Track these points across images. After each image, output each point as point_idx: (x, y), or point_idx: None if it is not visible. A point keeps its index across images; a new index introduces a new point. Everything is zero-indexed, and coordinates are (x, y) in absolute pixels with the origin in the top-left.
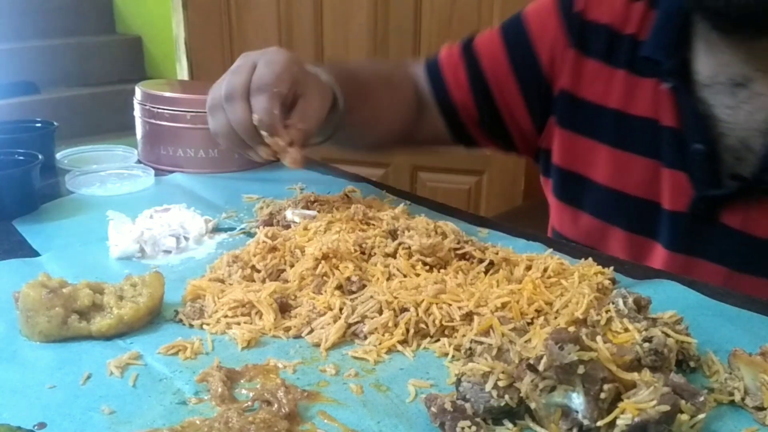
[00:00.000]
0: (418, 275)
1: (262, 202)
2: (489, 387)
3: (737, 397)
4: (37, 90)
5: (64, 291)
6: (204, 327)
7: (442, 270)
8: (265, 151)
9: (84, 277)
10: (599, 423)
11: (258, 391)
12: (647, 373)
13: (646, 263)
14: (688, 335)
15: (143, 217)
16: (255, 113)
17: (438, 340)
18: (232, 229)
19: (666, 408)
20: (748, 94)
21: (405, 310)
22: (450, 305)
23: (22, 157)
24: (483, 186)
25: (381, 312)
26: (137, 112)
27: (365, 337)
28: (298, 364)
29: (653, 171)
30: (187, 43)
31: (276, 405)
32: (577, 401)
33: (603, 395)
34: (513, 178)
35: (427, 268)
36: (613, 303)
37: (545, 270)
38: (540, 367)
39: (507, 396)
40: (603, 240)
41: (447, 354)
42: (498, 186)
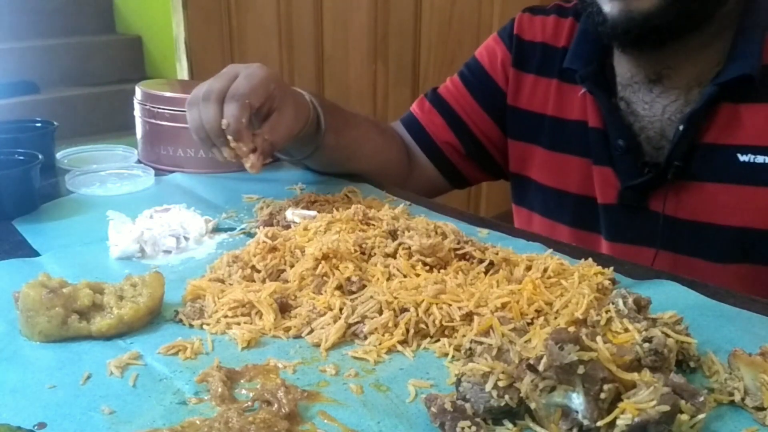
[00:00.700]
0: (418, 275)
1: (262, 202)
2: (489, 387)
3: (737, 398)
4: (37, 90)
5: (64, 291)
6: (204, 327)
7: (442, 270)
8: (229, 153)
9: (84, 277)
10: (599, 423)
11: (258, 391)
12: (647, 374)
13: None
14: (688, 335)
15: (143, 217)
16: (224, 118)
17: (438, 340)
18: (232, 229)
19: (666, 408)
20: (662, 88)
21: (405, 310)
22: (450, 305)
23: (22, 157)
24: (483, 186)
25: (381, 312)
26: (137, 111)
27: (365, 338)
28: (298, 364)
29: (586, 169)
30: (187, 43)
31: (276, 405)
32: (577, 401)
33: (603, 395)
34: None
35: (427, 268)
36: (613, 303)
37: (545, 270)
38: (540, 368)
39: (507, 396)
40: (553, 237)
41: (447, 354)
42: (498, 186)
